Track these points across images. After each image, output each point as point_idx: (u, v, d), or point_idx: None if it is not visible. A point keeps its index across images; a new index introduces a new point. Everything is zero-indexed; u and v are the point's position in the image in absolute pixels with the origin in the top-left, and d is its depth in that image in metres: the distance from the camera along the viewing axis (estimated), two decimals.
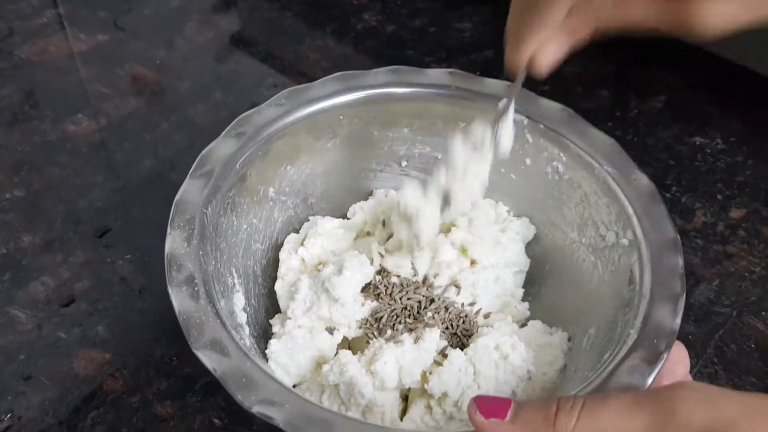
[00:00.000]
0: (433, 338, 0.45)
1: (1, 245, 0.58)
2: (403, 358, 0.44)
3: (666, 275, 0.42)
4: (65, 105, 0.71)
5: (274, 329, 0.48)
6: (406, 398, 0.46)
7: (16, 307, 0.54)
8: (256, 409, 0.36)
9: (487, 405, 0.33)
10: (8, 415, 0.48)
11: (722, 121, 0.70)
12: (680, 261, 0.43)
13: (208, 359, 0.38)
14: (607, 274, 0.47)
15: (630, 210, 0.46)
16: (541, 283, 0.52)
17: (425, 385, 0.44)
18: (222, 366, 0.37)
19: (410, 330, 0.46)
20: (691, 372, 0.51)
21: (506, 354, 0.45)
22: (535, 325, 0.49)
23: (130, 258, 0.57)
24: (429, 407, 0.44)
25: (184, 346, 0.39)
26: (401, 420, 0.45)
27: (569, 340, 0.48)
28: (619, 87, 0.73)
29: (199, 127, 0.68)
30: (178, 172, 0.63)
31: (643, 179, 0.47)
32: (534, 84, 0.71)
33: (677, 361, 0.40)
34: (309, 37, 0.80)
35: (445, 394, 0.43)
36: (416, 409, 0.44)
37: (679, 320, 0.40)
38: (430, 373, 0.44)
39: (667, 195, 0.63)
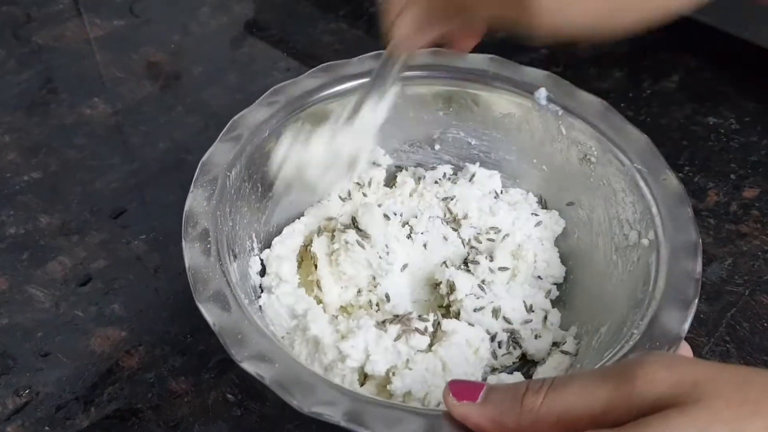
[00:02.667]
0: (417, 344, 0.44)
1: (20, 226, 0.59)
2: (375, 348, 0.43)
3: (681, 279, 0.42)
4: (82, 89, 0.72)
5: (271, 283, 0.49)
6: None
7: (34, 286, 0.55)
8: (245, 365, 0.37)
9: (461, 389, 0.34)
10: (26, 391, 0.49)
11: (736, 100, 0.69)
12: (698, 266, 0.42)
13: (209, 313, 0.39)
14: (625, 273, 0.46)
15: (654, 210, 0.46)
16: (564, 279, 0.52)
17: (387, 386, 0.44)
18: (221, 321, 0.39)
19: (402, 322, 0.46)
20: (702, 350, 0.52)
21: (476, 348, 0.45)
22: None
23: (145, 238, 0.58)
24: (390, 395, 0.44)
25: (199, 323, 0.40)
26: (360, 386, 0.45)
27: (576, 337, 0.48)
28: (633, 67, 0.73)
29: (213, 110, 0.69)
30: (192, 154, 0.64)
31: (672, 180, 0.47)
32: (546, 65, 0.72)
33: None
34: (322, 21, 0.80)
35: (408, 393, 0.43)
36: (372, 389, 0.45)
37: (687, 326, 0.40)
38: (393, 374, 0.44)
39: (680, 175, 0.62)
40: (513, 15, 0.37)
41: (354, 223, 0.49)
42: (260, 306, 0.48)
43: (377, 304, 0.49)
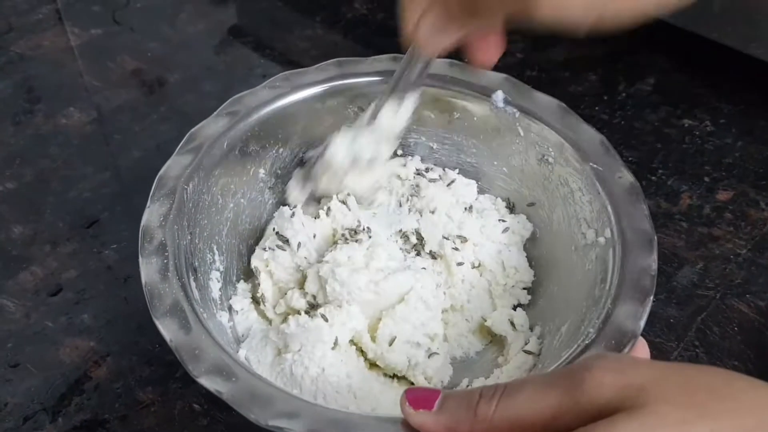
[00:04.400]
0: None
1: None
2: None
3: (637, 276, 0.42)
4: (58, 98, 0.72)
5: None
6: None
7: (5, 297, 0.55)
8: (203, 380, 0.37)
9: (417, 397, 0.34)
10: None
11: (711, 102, 0.69)
12: (654, 263, 0.42)
13: (165, 329, 0.39)
14: (583, 272, 0.46)
15: (610, 208, 0.46)
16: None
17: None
18: (178, 337, 0.39)
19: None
20: (671, 355, 0.51)
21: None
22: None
23: (116, 247, 0.58)
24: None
25: None
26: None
27: (539, 337, 0.48)
28: (608, 70, 0.73)
29: (188, 117, 0.68)
30: (164, 161, 0.64)
31: (628, 177, 0.47)
32: (521, 69, 0.72)
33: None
34: (299, 27, 0.80)
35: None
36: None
37: (643, 322, 0.39)
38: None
39: (653, 178, 0.62)
40: (521, 8, 0.38)
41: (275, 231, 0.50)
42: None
43: (314, 296, 0.49)
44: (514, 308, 0.50)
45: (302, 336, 0.44)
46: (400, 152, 0.56)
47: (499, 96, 0.52)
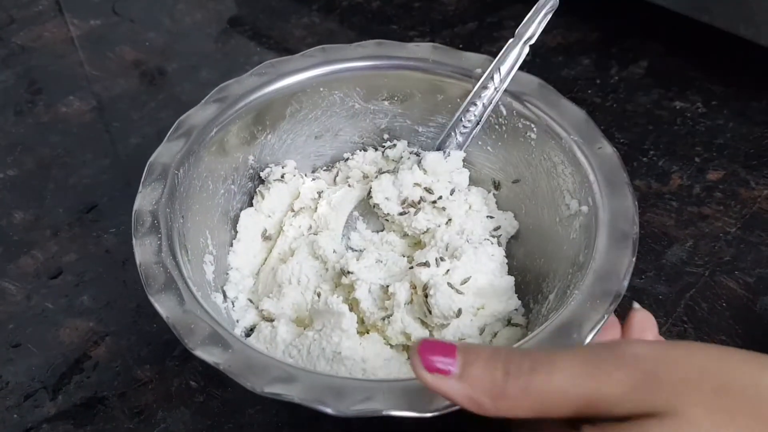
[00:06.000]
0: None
1: None
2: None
3: (619, 239, 0.43)
4: (58, 88, 0.73)
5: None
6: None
7: (7, 280, 0.56)
8: (199, 353, 0.37)
9: (431, 357, 0.32)
10: None
11: (704, 84, 0.70)
12: (635, 228, 0.43)
13: (161, 306, 0.40)
14: (568, 241, 0.47)
15: (592, 177, 0.46)
16: (513, 254, 0.53)
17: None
18: (174, 313, 0.39)
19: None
20: (660, 330, 0.52)
21: None
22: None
23: (115, 231, 0.59)
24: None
25: None
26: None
27: (525, 308, 0.49)
28: (601, 54, 0.73)
29: (185, 105, 0.68)
30: None
31: (607, 148, 0.48)
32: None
33: (643, 328, 0.40)
34: (295, 15, 0.81)
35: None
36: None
37: (626, 283, 0.40)
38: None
39: (644, 159, 0.63)
40: None
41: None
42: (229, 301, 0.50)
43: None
44: None
45: (325, 316, 0.45)
46: (386, 136, 0.57)
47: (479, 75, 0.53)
